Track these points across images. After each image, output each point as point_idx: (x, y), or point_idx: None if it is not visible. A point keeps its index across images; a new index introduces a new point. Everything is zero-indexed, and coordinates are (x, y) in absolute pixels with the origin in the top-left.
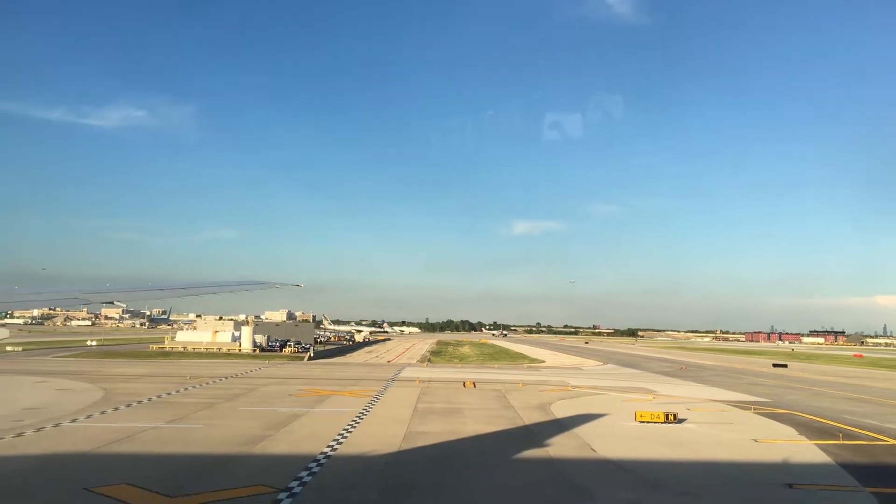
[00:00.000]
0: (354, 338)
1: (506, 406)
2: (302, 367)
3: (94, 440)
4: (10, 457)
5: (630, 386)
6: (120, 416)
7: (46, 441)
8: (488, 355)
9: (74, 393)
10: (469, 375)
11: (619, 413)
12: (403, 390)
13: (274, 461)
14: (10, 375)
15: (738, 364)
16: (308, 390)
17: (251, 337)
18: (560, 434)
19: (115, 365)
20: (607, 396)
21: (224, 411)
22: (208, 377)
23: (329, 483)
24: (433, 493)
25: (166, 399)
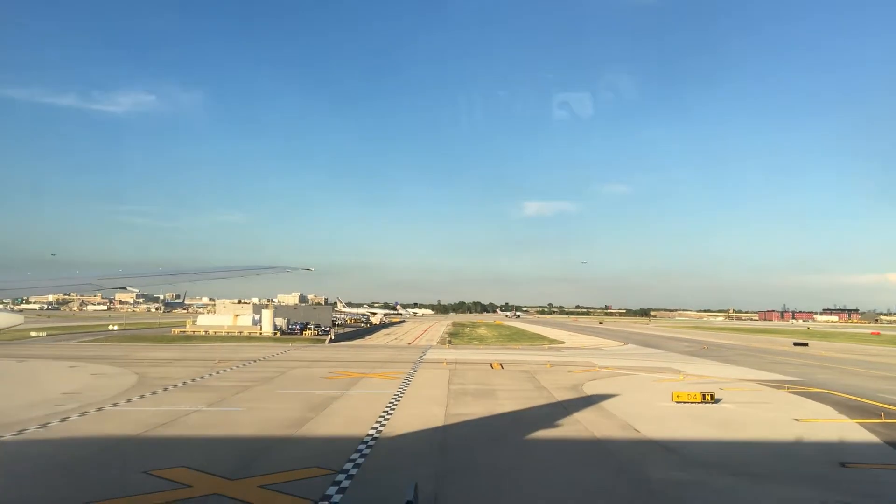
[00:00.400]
0: (371, 320)
1: (538, 387)
2: (326, 350)
3: (141, 424)
4: (63, 441)
5: (656, 366)
6: (159, 399)
7: (94, 425)
8: (506, 336)
9: (109, 377)
10: (494, 357)
11: (653, 393)
12: (432, 372)
13: (322, 443)
14: (42, 360)
15: (757, 343)
16: (339, 373)
17: (272, 320)
18: (599, 414)
19: (142, 349)
20: (636, 377)
21: (261, 394)
22: (237, 360)
23: (383, 464)
24: (489, 475)
25: (200, 383)
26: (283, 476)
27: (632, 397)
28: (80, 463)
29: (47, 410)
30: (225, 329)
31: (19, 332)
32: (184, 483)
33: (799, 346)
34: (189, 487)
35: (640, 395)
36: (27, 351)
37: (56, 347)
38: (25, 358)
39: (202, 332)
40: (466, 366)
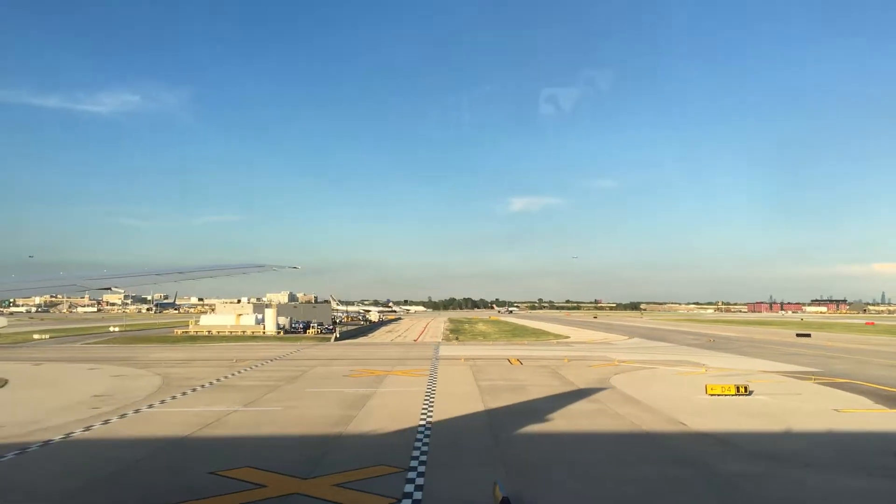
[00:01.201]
0: (370, 318)
1: (565, 382)
2: (336, 348)
3: (185, 425)
4: (115, 443)
5: (673, 359)
6: (193, 400)
7: (138, 426)
8: (509, 332)
9: (132, 379)
10: (507, 353)
11: (683, 386)
12: (454, 369)
13: (376, 441)
14: (58, 363)
15: (760, 335)
16: (360, 371)
17: (275, 319)
18: (639, 408)
19: (152, 350)
20: (658, 370)
21: (292, 393)
22: (253, 360)
23: (447, 461)
24: (559, 471)
25: (226, 383)
26: (354, 475)
27: (664, 391)
28: (144, 465)
29: (84, 413)
30: (228, 329)
31: (21, 334)
32: (256, 483)
33: (802, 336)
34: (264, 487)
35: (672, 389)
36: (39, 354)
37: (65, 350)
38: (41, 361)
39: (205, 333)
40: (484, 362)
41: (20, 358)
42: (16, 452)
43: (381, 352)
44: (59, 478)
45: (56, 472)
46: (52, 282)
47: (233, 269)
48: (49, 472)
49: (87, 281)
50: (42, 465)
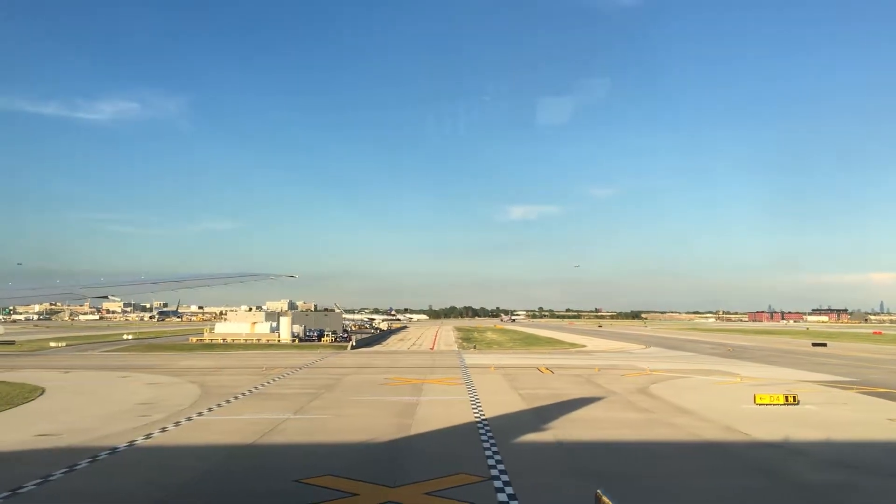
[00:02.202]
0: (379, 326)
1: (606, 391)
2: (359, 357)
3: (244, 433)
4: (182, 450)
5: (702, 368)
6: (239, 408)
7: (198, 434)
8: (521, 341)
9: (168, 387)
10: (532, 361)
11: (726, 396)
12: (488, 377)
13: (442, 448)
14: (87, 371)
15: (774, 344)
16: (395, 379)
17: (290, 328)
18: (691, 417)
19: (176, 358)
20: (693, 380)
21: (335, 402)
22: (282, 368)
23: (528, 469)
24: (651, 482)
25: (264, 391)
26: (439, 483)
27: (709, 400)
28: (223, 472)
29: (136, 421)
30: (243, 337)
31: (37, 342)
32: (347, 491)
33: (818, 346)
34: (356, 496)
35: (716, 398)
36: (64, 361)
37: (86, 358)
38: (69, 369)
39: (220, 340)
40: (514, 370)
41: (45, 366)
42: (88, 460)
43: (406, 360)
44: (145, 486)
45: (140, 480)
46: (49, 289)
47: (229, 277)
48: (133, 480)
49: (85, 289)
50: (122, 472)
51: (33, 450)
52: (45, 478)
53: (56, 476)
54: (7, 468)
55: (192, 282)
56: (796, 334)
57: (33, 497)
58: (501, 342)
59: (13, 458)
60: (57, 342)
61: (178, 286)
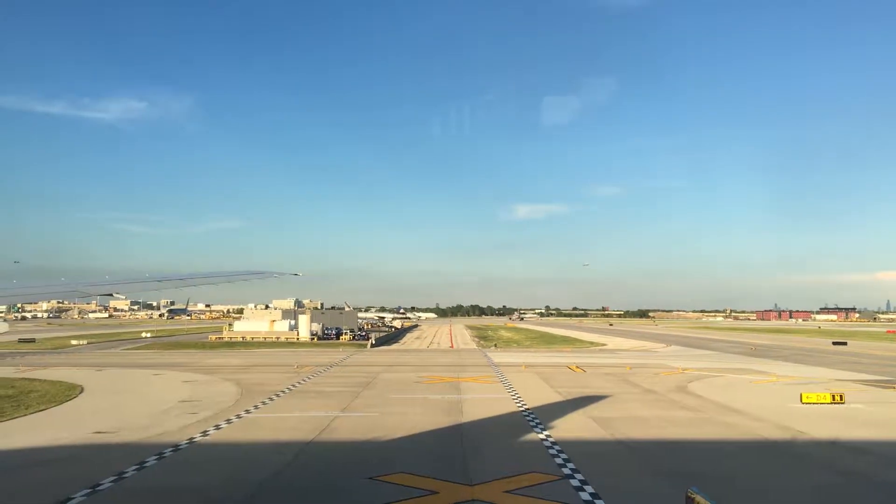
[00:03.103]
0: (394, 324)
1: (645, 390)
2: (381, 355)
3: (300, 430)
4: (246, 447)
5: (733, 367)
6: (285, 406)
7: (255, 431)
8: (538, 339)
9: (205, 385)
10: (559, 359)
11: (769, 394)
12: (521, 376)
13: (503, 447)
14: (118, 369)
15: (794, 343)
16: (428, 377)
17: (309, 326)
18: (740, 417)
19: (204, 356)
20: (728, 378)
21: (378, 399)
22: (312, 366)
23: (600, 469)
24: (742, 483)
25: (303, 389)
26: (515, 482)
27: (753, 399)
28: (296, 469)
29: (187, 419)
30: (262, 335)
31: (58, 340)
32: (426, 489)
33: (838, 345)
34: (436, 494)
35: (760, 397)
36: (93, 360)
37: (113, 356)
38: (100, 367)
39: (239, 338)
40: (545, 369)
41: (74, 363)
42: (155, 458)
43: (432, 358)
44: (225, 482)
45: (217, 477)
46: (54, 288)
47: (234, 276)
48: (209, 477)
49: (90, 287)
50: (195, 469)
51: (94, 446)
52: (119, 475)
53: (129, 473)
54: (77, 465)
55: (197, 280)
56: (810, 333)
57: (115, 494)
58: (519, 341)
59: (78, 455)
60: (78, 340)
61: (182, 284)
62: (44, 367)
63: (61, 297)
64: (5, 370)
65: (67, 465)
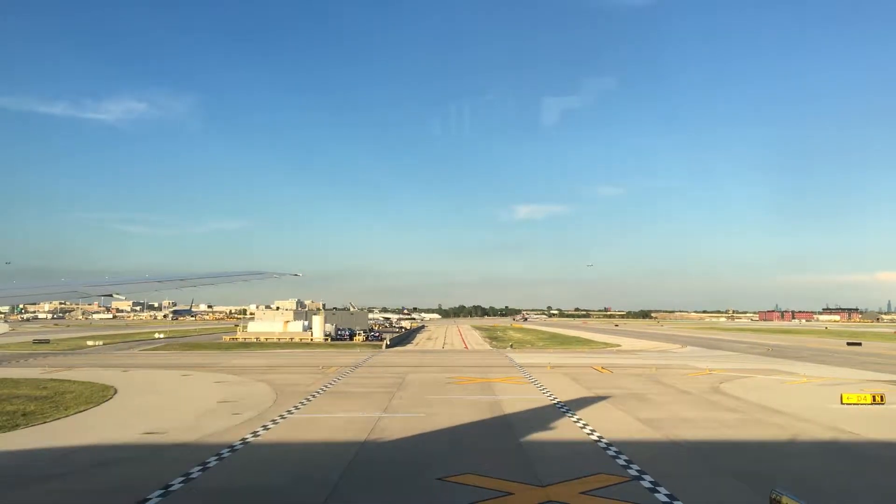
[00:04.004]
0: (403, 325)
1: (679, 391)
2: (401, 356)
3: (349, 430)
4: (304, 447)
5: (759, 368)
6: (324, 407)
7: (305, 432)
8: (550, 340)
9: (238, 385)
10: (581, 360)
11: (806, 395)
12: (550, 377)
13: (561, 446)
14: (144, 370)
15: (809, 343)
16: (457, 378)
17: (322, 327)
18: (784, 417)
19: (224, 356)
20: (758, 379)
21: (416, 400)
22: (337, 367)
23: (669, 470)
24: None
25: (336, 390)
26: (587, 483)
27: (791, 400)
28: (363, 469)
29: (232, 419)
30: (276, 335)
31: (73, 341)
32: (499, 490)
33: (853, 345)
34: (510, 495)
35: (798, 398)
36: (115, 360)
37: (133, 356)
38: (125, 368)
39: (253, 339)
40: (571, 370)
41: (98, 364)
42: (215, 458)
43: (453, 359)
44: (295, 481)
45: (285, 476)
46: (54, 288)
47: (234, 276)
48: (276, 476)
49: (89, 287)
50: (259, 469)
51: (149, 446)
52: (186, 476)
53: (195, 474)
54: (141, 466)
55: (197, 280)
56: (819, 334)
57: (190, 494)
58: (532, 341)
59: (138, 455)
60: (93, 341)
61: (182, 285)
62: (69, 368)
63: (62, 298)
64: (32, 371)
65: (132, 466)
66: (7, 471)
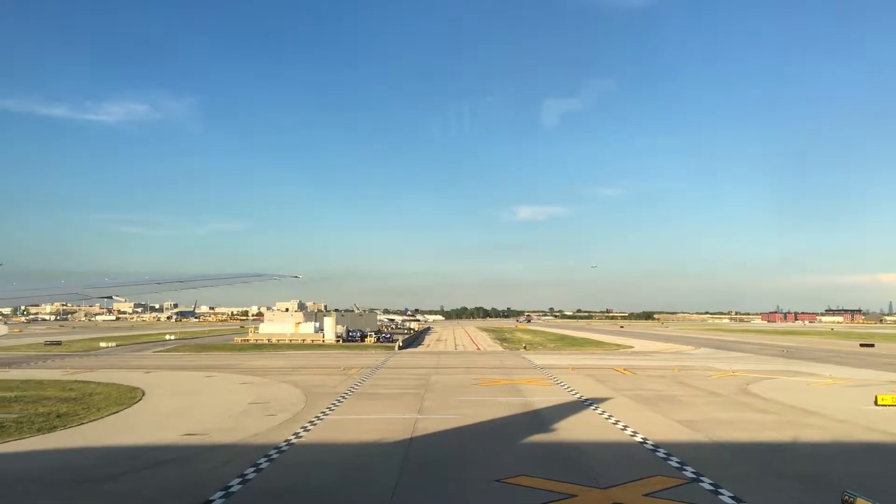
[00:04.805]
0: (412, 327)
1: (709, 393)
2: (418, 357)
3: (390, 431)
4: (352, 448)
5: (780, 369)
6: (358, 408)
7: (348, 432)
8: (559, 341)
9: (264, 387)
10: (600, 362)
11: (838, 396)
12: (573, 378)
13: (602, 449)
14: (165, 371)
15: (821, 344)
16: (481, 379)
17: (334, 328)
18: (824, 419)
19: (241, 358)
20: (783, 381)
21: (446, 402)
22: (358, 368)
23: (727, 472)
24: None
25: (364, 391)
26: (648, 484)
27: (823, 401)
28: (420, 469)
29: (268, 421)
30: (287, 337)
31: (85, 343)
32: (560, 492)
33: (866, 346)
34: (574, 497)
35: (829, 399)
36: (133, 362)
37: (150, 358)
38: (149, 369)
39: (265, 341)
40: (593, 371)
41: (118, 366)
42: (265, 459)
43: (471, 361)
44: (353, 483)
45: (341, 477)
46: (54, 290)
47: (233, 278)
48: (333, 476)
49: (89, 289)
50: (312, 468)
51: (195, 447)
52: (243, 477)
53: (251, 475)
54: (192, 467)
55: (197, 282)
56: (826, 335)
57: (253, 494)
58: (543, 343)
59: (186, 457)
60: (106, 343)
61: (182, 287)
62: (90, 370)
63: (62, 300)
64: (53, 373)
65: (183, 467)
66: (57, 473)
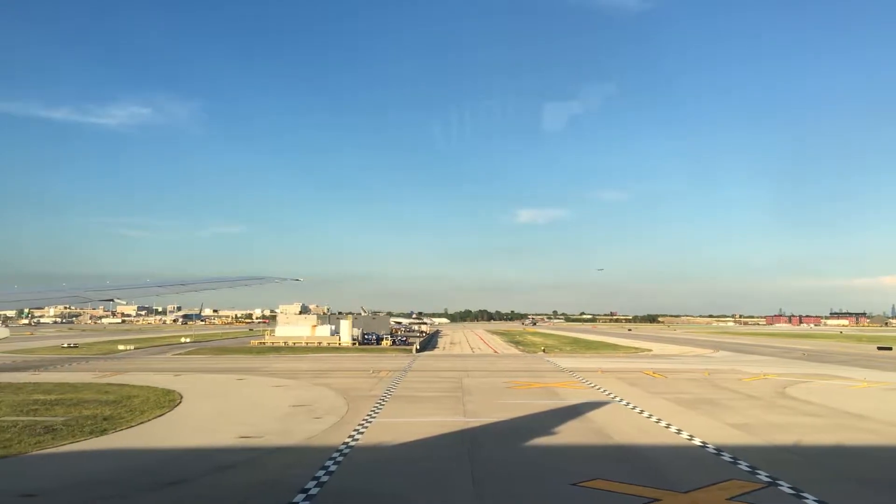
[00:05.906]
0: (423, 330)
1: (748, 396)
2: (439, 360)
3: (444, 434)
4: (412, 449)
5: (811, 373)
6: (402, 410)
7: (404, 436)
8: (574, 344)
9: (300, 389)
10: (625, 365)
11: (881, 400)
12: (607, 381)
13: (661, 452)
14: (194, 374)
15: (836, 347)
16: (513, 382)
17: (350, 331)
18: (875, 423)
19: (264, 360)
20: (819, 384)
21: (488, 405)
22: (386, 371)
23: (797, 473)
24: None
25: (400, 394)
26: (727, 488)
27: (867, 404)
28: (492, 473)
29: (317, 424)
30: (304, 340)
31: (104, 345)
32: (642, 496)
33: (884, 350)
34: (658, 501)
35: (874, 402)
36: (157, 365)
37: (173, 360)
38: (178, 371)
39: (281, 343)
40: (623, 374)
41: (143, 369)
42: (331, 462)
43: (496, 364)
44: (433, 484)
45: (421, 480)
46: (56, 293)
47: (235, 281)
48: (413, 479)
49: (91, 292)
50: (386, 472)
51: (257, 449)
52: (317, 480)
53: (322, 477)
54: (265, 469)
55: (198, 285)
56: (836, 338)
57: (338, 498)
58: (559, 346)
59: (248, 460)
60: (124, 346)
61: (183, 289)
62: (119, 373)
63: (64, 303)
64: (83, 376)
65: (253, 470)
66: (124, 473)
